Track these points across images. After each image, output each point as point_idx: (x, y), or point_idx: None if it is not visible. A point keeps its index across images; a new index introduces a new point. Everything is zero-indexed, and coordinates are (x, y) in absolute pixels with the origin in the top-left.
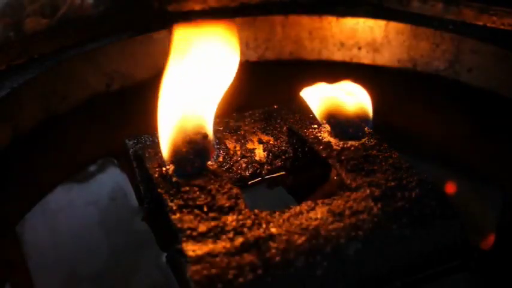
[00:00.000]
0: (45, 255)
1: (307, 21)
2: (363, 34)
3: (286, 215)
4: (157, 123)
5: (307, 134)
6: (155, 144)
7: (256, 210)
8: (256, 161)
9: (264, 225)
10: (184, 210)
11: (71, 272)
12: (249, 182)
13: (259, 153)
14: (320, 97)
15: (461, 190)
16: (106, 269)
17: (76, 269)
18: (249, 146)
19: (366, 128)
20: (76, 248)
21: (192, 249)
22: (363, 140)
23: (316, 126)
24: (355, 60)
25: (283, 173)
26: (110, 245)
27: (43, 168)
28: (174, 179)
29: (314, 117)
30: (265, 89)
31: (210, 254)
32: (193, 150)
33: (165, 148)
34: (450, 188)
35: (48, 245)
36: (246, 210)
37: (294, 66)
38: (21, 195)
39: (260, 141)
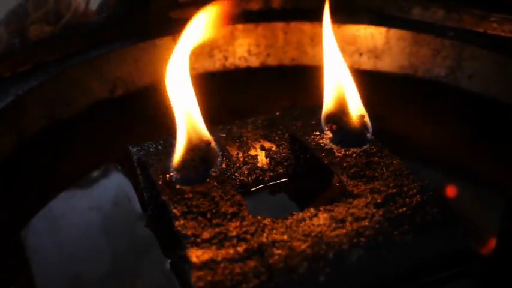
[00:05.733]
0: (49, 260)
1: (308, 28)
2: (364, 41)
3: (289, 221)
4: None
5: (309, 140)
6: (159, 151)
7: (259, 217)
8: (258, 168)
9: (267, 232)
10: (188, 216)
11: (74, 277)
12: (251, 188)
13: (262, 159)
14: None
15: (462, 196)
16: (109, 274)
17: (79, 275)
18: (252, 152)
19: (367, 135)
20: (80, 254)
21: (195, 255)
22: (365, 147)
23: (318, 133)
24: (356, 66)
25: (286, 179)
26: (113, 251)
27: (47, 174)
28: (177, 186)
29: (316, 124)
30: (267, 96)
31: (214, 260)
32: (197, 157)
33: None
34: (451, 194)
35: (51, 250)
36: (249, 216)
37: (296, 73)
38: (25, 201)
39: (262, 148)
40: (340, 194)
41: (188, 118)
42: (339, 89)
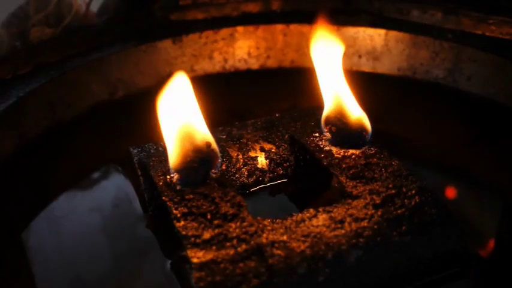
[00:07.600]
0: (50, 261)
1: (308, 30)
2: (363, 43)
3: (289, 222)
4: (161, 133)
5: (308, 142)
6: (160, 153)
7: (259, 218)
8: (258, 169)
9: (266, 232)
10: (188, 217)
11: (75, 278)
12: (251, 189)
13: (262, 161)
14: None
15: (460, 197)
16: (110, 275)
17: (80, 276)
18: (252, 154)
19: (366, 136)
20: (80, 255)
21: (196, 256)
22: (364, 148)
23: (317, 134)
24: (355, 68)
25: (285, 180)
26: (114, 252)
27: (48, 175)
28: (178, 187)
29: (315, 126)
30: (267, 97)
31: (214, 261)
32: (198, 159)
33: (170, 157)
34: (450, 195)
35: (53, 251)
36: (249, 217)
37: (296, 75)
38: (26, 202)
39: (262, 149)
40: (339, 195)
41: (189, 120)
42: (338, 91)
